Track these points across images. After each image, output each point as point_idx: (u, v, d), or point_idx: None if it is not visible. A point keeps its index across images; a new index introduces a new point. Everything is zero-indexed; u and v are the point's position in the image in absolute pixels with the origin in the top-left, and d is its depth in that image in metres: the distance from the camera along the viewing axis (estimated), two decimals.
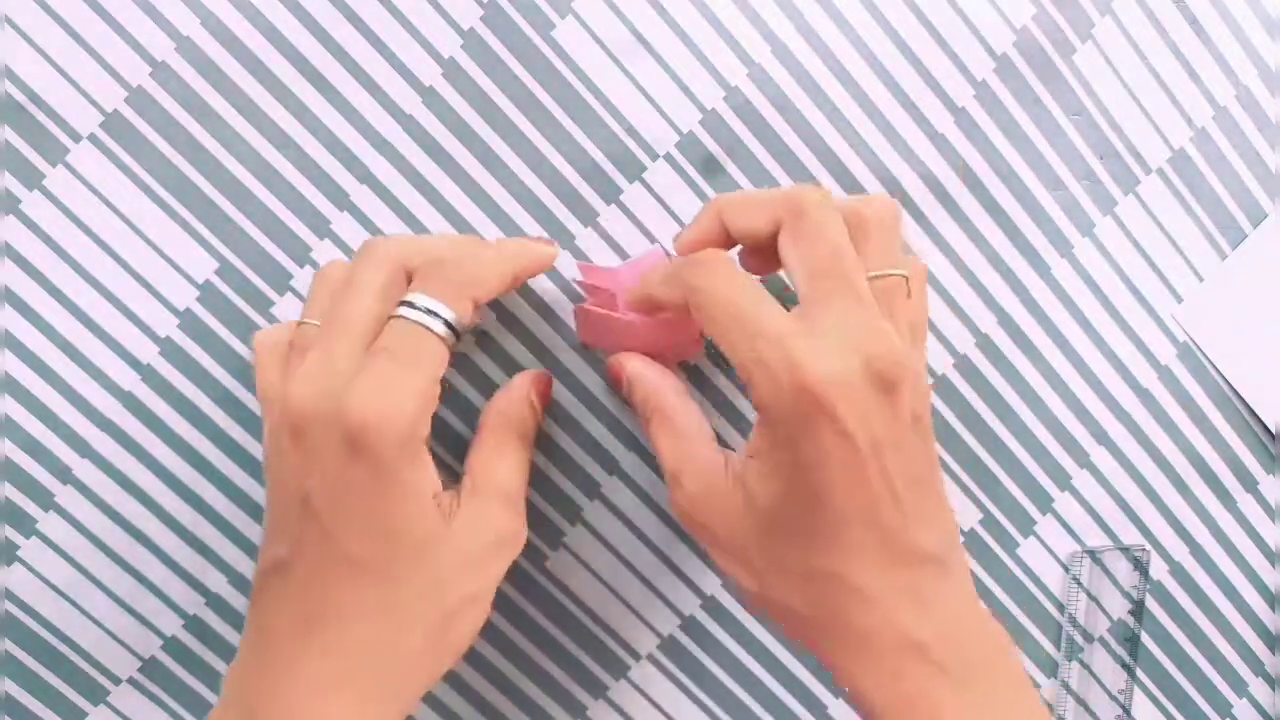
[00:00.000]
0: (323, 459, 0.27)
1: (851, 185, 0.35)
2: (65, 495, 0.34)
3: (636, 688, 0.37)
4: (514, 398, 0.32)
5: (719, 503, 0.28)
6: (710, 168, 0.35)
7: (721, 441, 0.35)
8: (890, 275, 0.28)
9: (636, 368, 0.32)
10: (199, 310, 0.34)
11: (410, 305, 0.28)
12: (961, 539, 0.31)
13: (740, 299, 0.27)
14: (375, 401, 0.26)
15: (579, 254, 0.35)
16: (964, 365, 0.36)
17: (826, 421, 0.25)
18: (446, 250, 0.29)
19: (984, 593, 0.38)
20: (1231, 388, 0.38)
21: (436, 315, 0.28)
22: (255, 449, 0.35)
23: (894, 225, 0.29)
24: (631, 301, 0.31)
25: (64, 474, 0.34)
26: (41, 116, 0.33)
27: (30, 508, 0.34)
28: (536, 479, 0.35)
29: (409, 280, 0.29)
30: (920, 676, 0.26)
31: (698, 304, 0.28)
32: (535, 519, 0.35)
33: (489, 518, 0.29)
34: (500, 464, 0.31)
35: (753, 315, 0.26)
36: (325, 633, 0.27)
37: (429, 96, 0.34)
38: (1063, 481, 0.38)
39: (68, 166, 0.33)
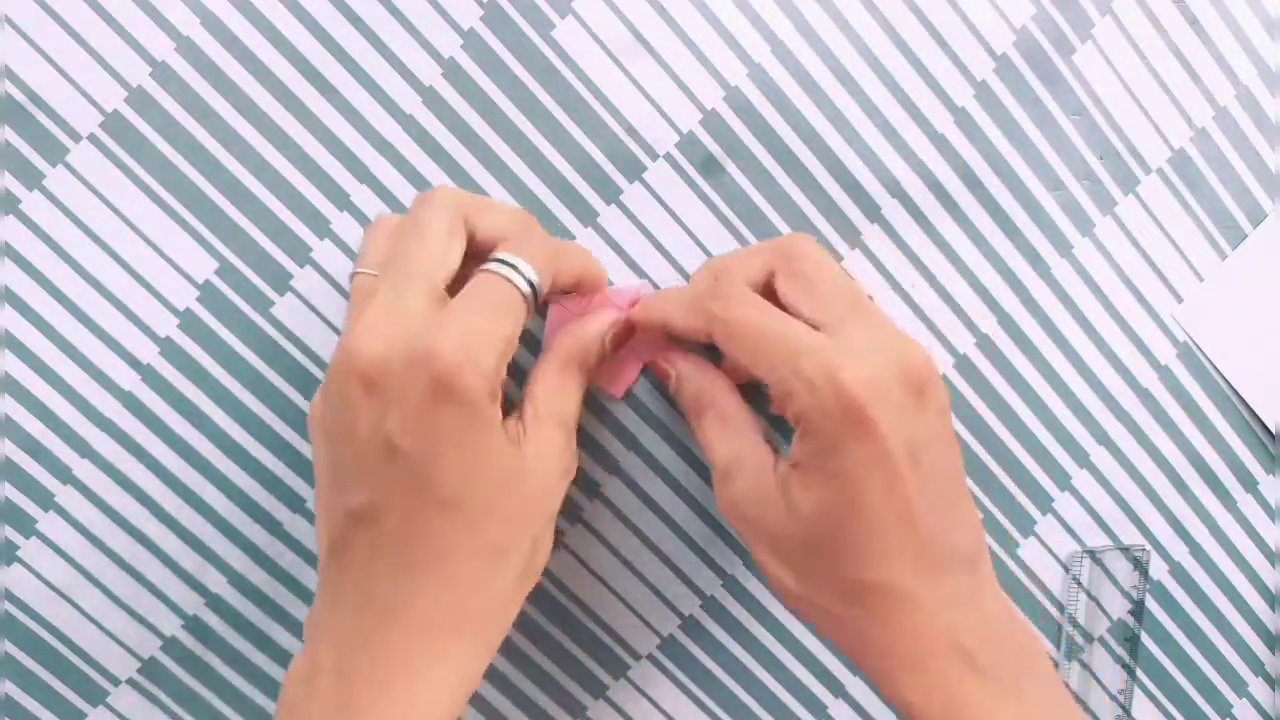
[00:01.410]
0: (406, 404, 0.26)
1: (852, 185, 0.35)
2: (65, 495, 0.34)
3: (636, 688, 0.37)
4: (590, 331, 0.32)
5: (766, 504, 0.29)
6: (710, 168, 0.35)
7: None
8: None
9: (686, 367, 0.32)
10: (199, 310, 0.34)
11: (499, 260, 0.28)
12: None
13: (771, 322, 0.28)
14: (468, 346, 0.26)
15: None
16: (964, 365, 0.37)
17: (865, 426, 0.26)
18: (509, 215, 0.30)
19: None
20: (1231, 388, 0.38)
21: (520, 273, 0.28)
22: (256, 449, 0.35)
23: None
24: (642, 325, 0.32)
25: (64, 474, 0.34)
26: (41, 116, 0.33)
27: (30, 508, 0.34)
28: None
29: (470, 234, 0.29)
30: (966, 682, 0.27)
31: (727, 334, 0.29)
32: None
33: (554, 443, 0.30)
34: (563, 393, 0.31)
35: (789, 334, 0.28)
36: (430, 577, 0.27)
37: (429, 96, 0.34)
38: (1063, 481, 0.38)
39: (68, 166, 0.33)
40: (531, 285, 0.28)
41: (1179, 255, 0.37)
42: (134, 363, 0.34)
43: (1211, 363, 0.38)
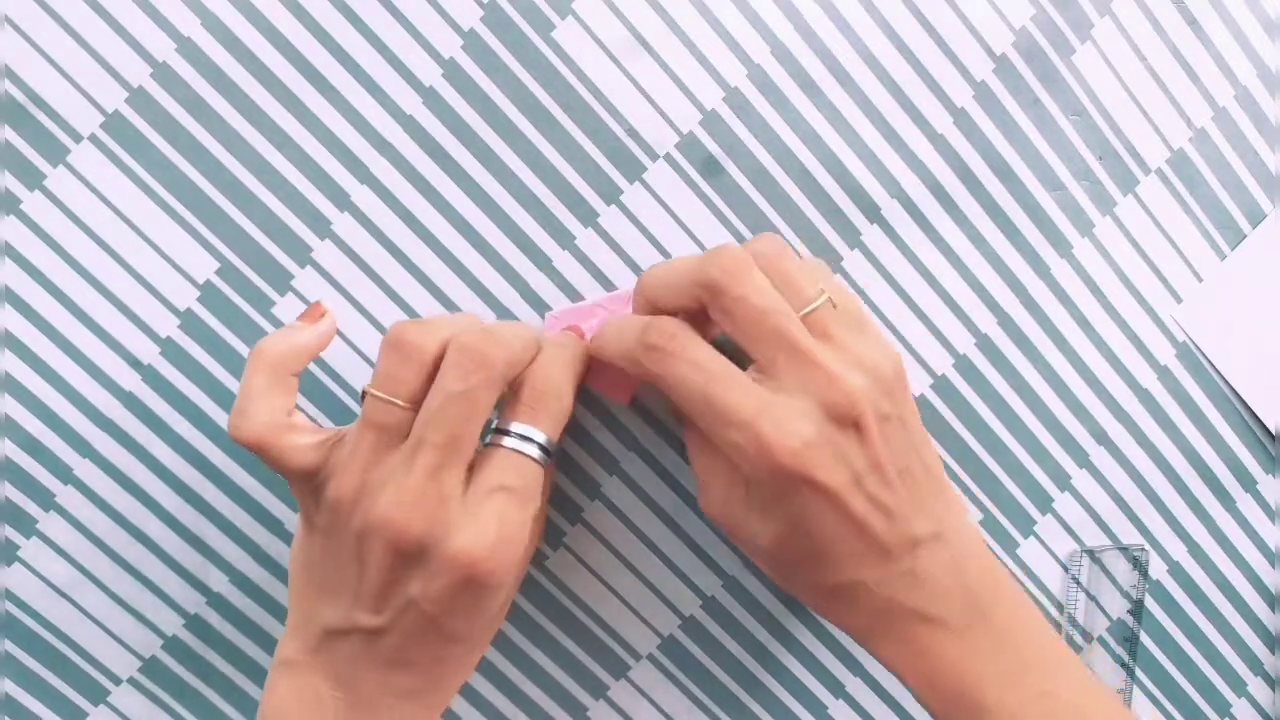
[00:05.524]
0: (437, 583, 0.28)
1: (852, 186, 0.35)
2: (66, 495, 0.34)
3: (636, 688, 0.37)
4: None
5: (737, 518, 0.30)
6: (710, 168, 0.35)
7: None
8: (815, 308, 0.29)
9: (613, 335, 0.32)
10: (199, 310, 0.34)
11: (509, 434, 0.29)
12: (960, 495, 0.32)
13: (704, 386, 0.28)
14: (502, 547, 0.28)
15: (579, 254, 0.35)
16: (964, 365, 0.37)
17: (805, 485, 0.28)
18: (535, 362, 0.30)
19: None
20: (1231, 388, 0.38)
21: (533, 442, 0.29)
22: None
23: (786, 252, 0.30)
24: (596, 355, 0.32)
25: (64, 474, 0.34)
26: (42, 117, 0.33)
27: (30, 508, 0.34)
28: None
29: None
30: (924, 636, 0.30)
31: (665, 388, 0.29)
32: None
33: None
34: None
35: (719, 402, 0.28)
36: (410, 676, 0.30)
37: (429, 97, 0.34)
38: (1063, 481, 0.38)
39: (68, 167, 0.33)
40: (543, 448, 0.29)
41: (1178, 255, 0.37)
42: (134, 363, 0.34)
43: (1211, 363, 0.38)
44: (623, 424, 0.36)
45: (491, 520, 0.28)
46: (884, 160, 0.35)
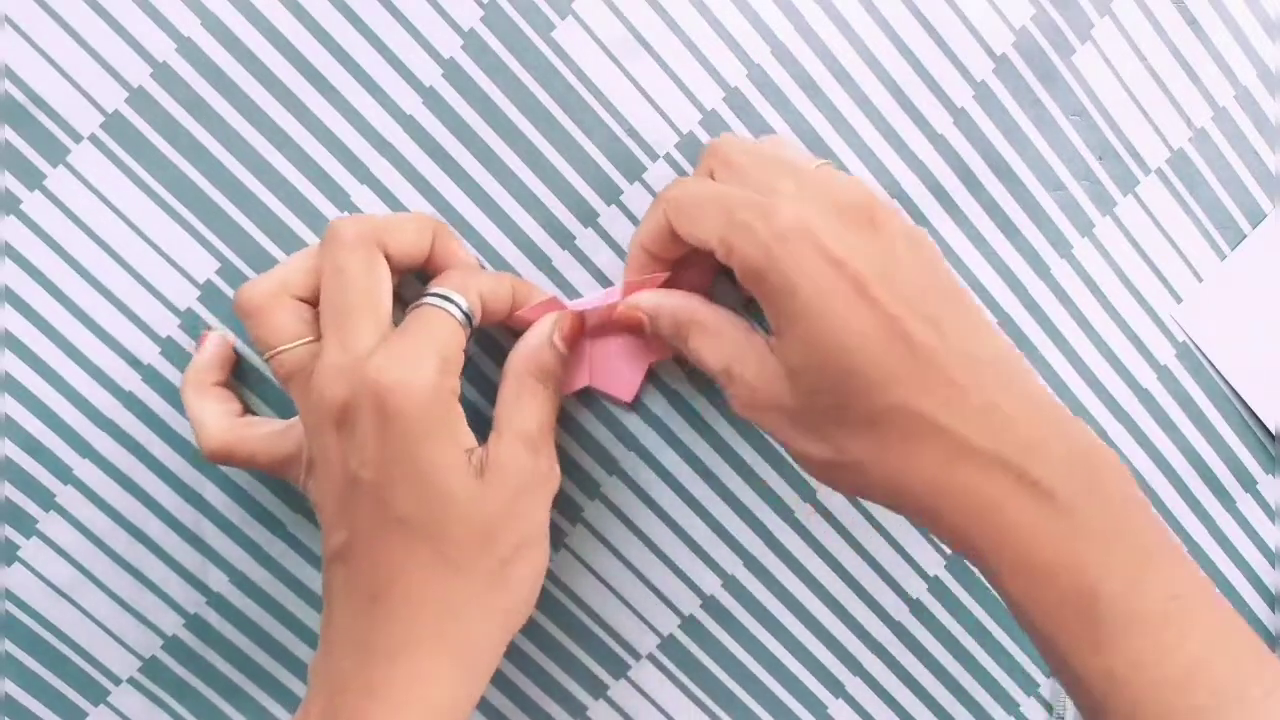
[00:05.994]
0: (362, 435, 0.28)
1: None
2: (66, 495, 0.34)
3: (636, 688, 0.37)
4: (533, 342, 0.32)
5: (775, 382, 0.28)
6: None
7: (711, 434, 0.35)
8: (821, 165, 0.30)
9: (651, 299, 0.32)
10: (200, 310, 0.34)
11: (433, 295, 0.30)
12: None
13: (709, 188, 0.29)
14: (394, 368, 0.28)
15: (579, 254, 0.35)
16: None
17: (811, 252, 0.26)
18: (417, 228, 0.31)
19: (985, 594, 0.38)
20: (1231, 388, 0.38)
21: (454, 303, 0.30)
22: None
23: (760, 145, 0.31)
24: (631, 262, 0.32)
25: (64, 474, 0.34)
26: (42, 116, 0.33)
27: (30, 508, 0.34)
28: None
29: (386, 255, 0.30)
30: (1017, 500, 0.24)
31: (676, 210, 0.29)
32: None
33: (514, 460, 0.30)
34: (519, 408, 0.31)
35: (727, 196, 0.28)
36: (395, 599, 0.28)
37: (429, 97, 0.34)
38: None
39: (68, 167, 0.33)
40: (466, 314, 0.30)
41: (1178, 255, 0.37)
42: (134, 362, 0.34)
43: (1211, 363, 0.38)
44: (623, 424, 0.36)
45: (385, 351, 0.28)
46: (884, 160, 0.35)
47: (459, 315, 0.30)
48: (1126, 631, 0.24)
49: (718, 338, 0.30)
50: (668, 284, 0.32)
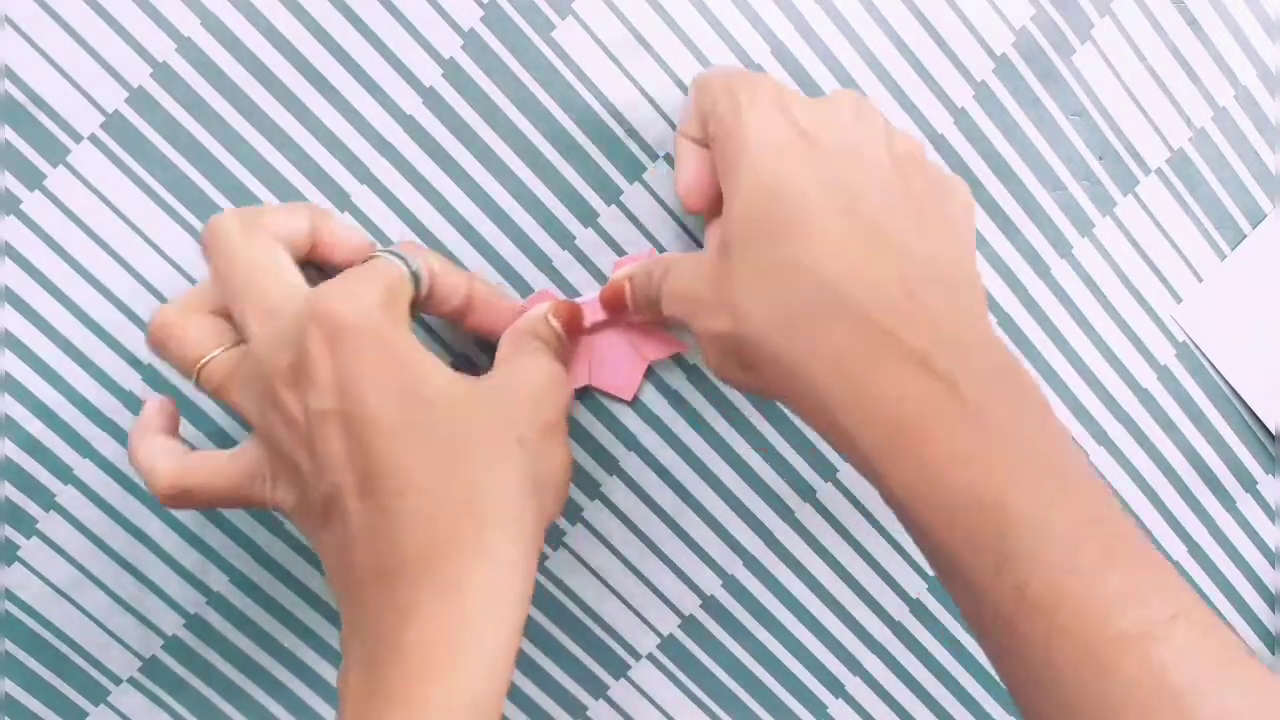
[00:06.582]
0: (318, 366, 0.25)
1: None
2: (66, 495, 0.34)
3: (636, 688, 0.37)
4: (530, 316, 0.32)
5: (704, 268, 0.27)
6: None
7: (711, 434, 0.35)
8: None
9: (628, 266, 0.33)
10: None
11: (377, 252, 0.30)
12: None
13: (702, 79, 0.31)
14: (336, 295, 0.26)
15: (579, 254, 0.35)
16: None
17: (776, 112, 0.27)
18: (289, 209, 0.30)
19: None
20: (1231, 388, 0.38)
21: (399, 257, 0.30)
22: None
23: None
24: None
25: (65, 474, 0.34)
26: (42, 116, 0.33)
27: (31, 508, 0.34)
28: None
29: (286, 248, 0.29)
30: (924, 396, 0.22)
31: (699, 104, 0.30)
32: None
33: (531, 358, 0.29)
34: (521, 354, 0.30)
35: (712, 83, 0.30)
36: (398, 517, 0.25)
37: (429, 97, 0.34)
38: None
39: (68, 167, 0.33)
40: (414, 274, 0.29)
41: (1178, 255, 0.37)
42: (134, 362, 0.34)
43: (1211, 363, 0.38)
44: (623, 424, 0.36)
45: (338, 282, 0.27)
46: None
47: (405, 269, 0.29)
48: (1036, 550, 0.21)
49: (680, 265, 0.29)
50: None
